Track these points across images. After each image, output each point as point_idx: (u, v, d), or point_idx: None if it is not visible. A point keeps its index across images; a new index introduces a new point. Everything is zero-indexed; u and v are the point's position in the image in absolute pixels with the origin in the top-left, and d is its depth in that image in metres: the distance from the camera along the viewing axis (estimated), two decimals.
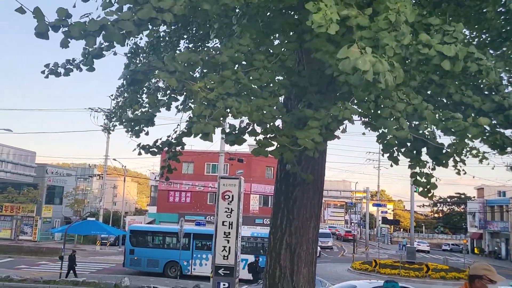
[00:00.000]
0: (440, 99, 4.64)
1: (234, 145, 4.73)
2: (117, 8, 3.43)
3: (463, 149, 4.62)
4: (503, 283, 3.76)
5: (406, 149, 4.31)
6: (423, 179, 4.31)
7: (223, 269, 14.35)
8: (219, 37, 6.10)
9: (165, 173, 5.83)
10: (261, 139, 4.39)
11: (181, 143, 5.43)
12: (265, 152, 4.33)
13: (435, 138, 4.30)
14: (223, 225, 14.52)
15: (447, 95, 4.33)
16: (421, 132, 4.10)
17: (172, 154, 5.69)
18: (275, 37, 5.37)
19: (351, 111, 3.94)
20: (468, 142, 4.38)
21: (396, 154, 4.43)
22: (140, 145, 5.45)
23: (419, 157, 4.32)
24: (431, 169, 4.39)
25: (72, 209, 48.28)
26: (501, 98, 3.92)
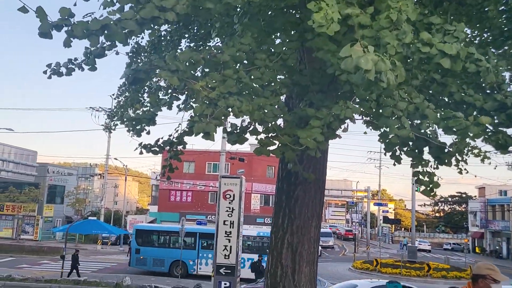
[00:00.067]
0: (442, 98, 4.63)
1: (235, 144, 4.73)
2: (119, 8, 3.43)
3: (465, 148, 4.61)
4: (506, 283, 3.75)
5: (408, 148, 4.30)
6: (425, 178, 4.30)
7: (224, 268, 14.35)
8: (221, 36, 6.09)
9: (166, 172, 5.83)
10: (262, 138, 4.39)
11: (183, 142, 5.42)
12: (267, 151, 4.33)
13: (437, 137, 4.29)
14: (224, 224, 14.51)
15: (448, 94, 4.32)
16: (423, 131, 4.08)
17: (173, 153, 5.69)
18: (277, 36, 5.36)
19: (352, 110, 3.94)
20: (469, 142, 4.36)
21: (398, 153, 4.42)
22: (142, 144, 5.46)
23: (421, 156, 4.31)
24: (433, 168, 4.38)
25: (73, 209, 48.35)
26: (503, 96, 3.91)
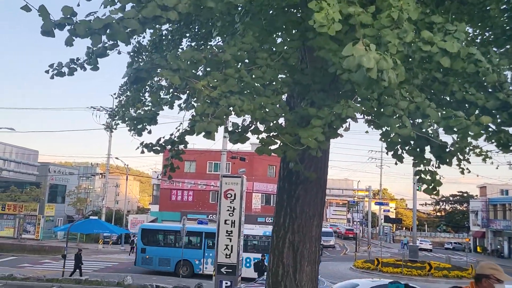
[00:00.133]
0: (444, 97, 4.62)
1: (237, 143, 4.73)
2: (120, 7, 3.43)
3: (466, 148, 4.61)
4: (510, 283, 3.73)
5: (409, 147, 4.29)
6: (427, 177, 4.29)
7: (225, 267, 14.38)
8: (222, 35, 6.08)
9: (168, 171, 5.83)
10: (264, 138, 4.39)
11: (184, 141, 5.42)
12: (268, 151, 4.33)
13: (439, 136, 4.28)
14: (225, 223, 14.55)
15: (450, 92, 4.31)
16: (424, 130, 4.08)
17: (175, 152, 5.69)
18: (278, 35, 5.35)
19: (354, 109, 3.93)
20: (471, 141, 4.36)
21: (400, 152, 4.42)
22: (143, 144, 5.46)
23: (423, 155, 4.30)
24: (435, 167, 4.38)
25: (74, 208, 48.42)
26: (505, 95, 3.90)
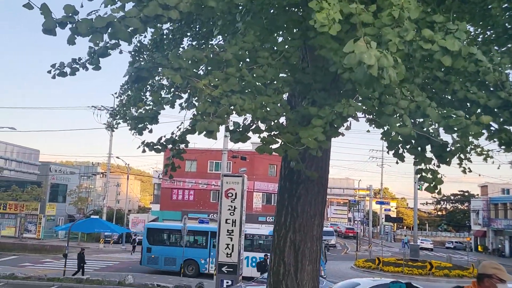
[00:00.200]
0: (445, 96, 4.62)
1: (238, 142, 4.73)
2: (121, 6, 3.43)
3: (467, 147, 4.60)
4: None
5: (410, 146, 4.29)
6: (428, 175, 4.29)
7: (226, 266, 14.40)
8: (223, 34, 6.08)
9: (168, 170, 5.83)
10: (265, 137, 4.39)
11: (185, 140, 5.42)
12: (269, 150, 4.33)
13: (439, 136, 4.28)
14: (226, 223, 14.57)
15: (452, 91, 4.30)
16: (425, 130, 4.08)
17: (176, 151, 5.69)
18: (279, 34, 5.35)
19: (355, 108, 3.93)
20: (472, 140, 4.35)
21: (401, 151, 4.42)
22: (144, 143, 5.46)
23: (424, 154, 4.30)
24: (436, 166, 4.37)
25: (75, 207, 48.47)
26: (507, 94, 3.89)
